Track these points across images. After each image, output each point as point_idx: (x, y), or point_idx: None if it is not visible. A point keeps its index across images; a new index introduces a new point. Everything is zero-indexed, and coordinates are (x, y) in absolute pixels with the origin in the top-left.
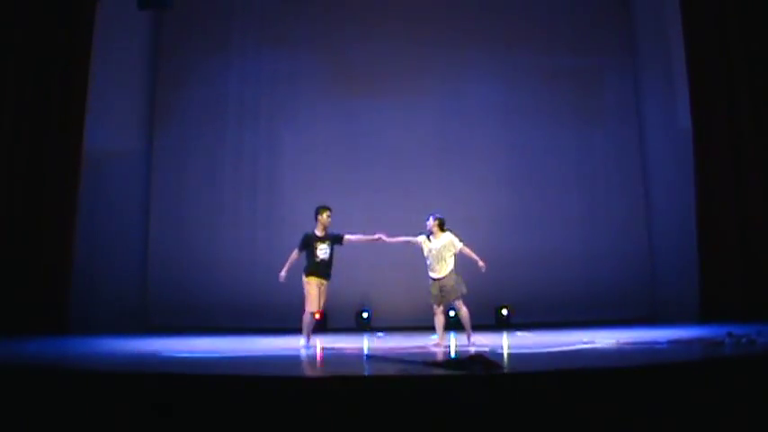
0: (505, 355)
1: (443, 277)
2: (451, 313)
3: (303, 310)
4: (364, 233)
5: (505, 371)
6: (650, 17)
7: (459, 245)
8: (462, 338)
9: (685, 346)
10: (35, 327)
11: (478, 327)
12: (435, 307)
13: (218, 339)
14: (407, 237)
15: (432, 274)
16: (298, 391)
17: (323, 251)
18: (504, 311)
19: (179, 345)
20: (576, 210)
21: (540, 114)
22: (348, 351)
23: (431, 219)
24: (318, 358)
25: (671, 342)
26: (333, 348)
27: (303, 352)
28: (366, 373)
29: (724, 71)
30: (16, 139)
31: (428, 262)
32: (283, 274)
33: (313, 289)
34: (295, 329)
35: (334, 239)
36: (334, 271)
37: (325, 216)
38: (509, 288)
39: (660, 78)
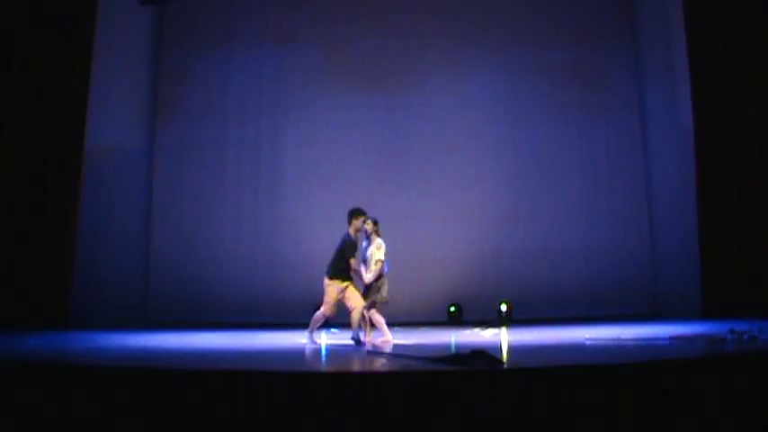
0: (506, 351)
1: (370, 281)
2: (452, 308)
3: (317, 308)
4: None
5: (507, 366)
6: (653, 11)
7: (378, 256)
8: (461, 336)
9: (687, 343)
10: (37, 321)
11: (481, 323)
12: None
13: (219, 335)
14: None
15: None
16: (299, 387)
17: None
18: (505, 307)
19: (180, 340)
20: (578, 205)
21: (542, 109)
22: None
23: (369, 222)
24: (323, 354)
25: (673, 338)
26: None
27: (309, 346)
28: (368, 370)
29: (726, 66)
30: (19, 134)
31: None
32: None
33: (335, 294)
34: (295, 324)
35: None
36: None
37: (360, 222)
38: (510, 284)
39: (662, 73)
